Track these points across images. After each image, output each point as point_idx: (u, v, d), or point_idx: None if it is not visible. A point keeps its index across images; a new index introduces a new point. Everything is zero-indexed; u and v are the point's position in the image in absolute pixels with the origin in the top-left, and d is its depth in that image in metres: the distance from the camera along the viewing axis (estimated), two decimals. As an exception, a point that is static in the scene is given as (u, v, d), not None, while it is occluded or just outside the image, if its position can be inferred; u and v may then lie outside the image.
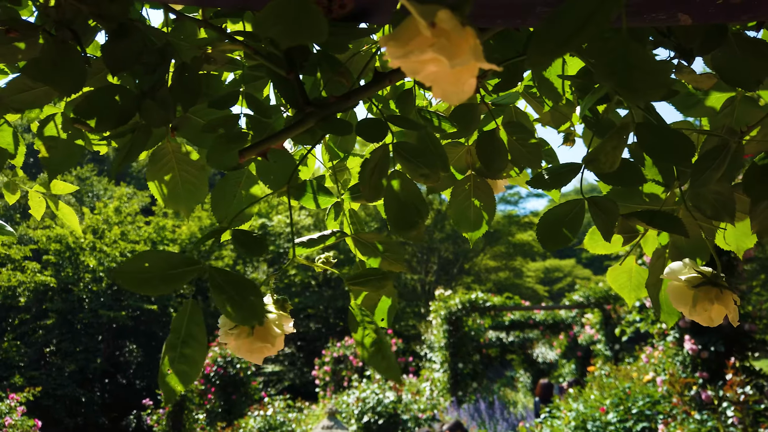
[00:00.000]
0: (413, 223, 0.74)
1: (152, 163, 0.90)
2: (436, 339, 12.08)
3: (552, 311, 14.48)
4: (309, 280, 24.92)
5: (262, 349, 0.77)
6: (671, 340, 4.94)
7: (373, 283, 0.75)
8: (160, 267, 0.61)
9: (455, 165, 0.98)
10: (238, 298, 0.63)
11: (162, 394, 0.64)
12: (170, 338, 0.65)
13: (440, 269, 31.41)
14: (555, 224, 0.81)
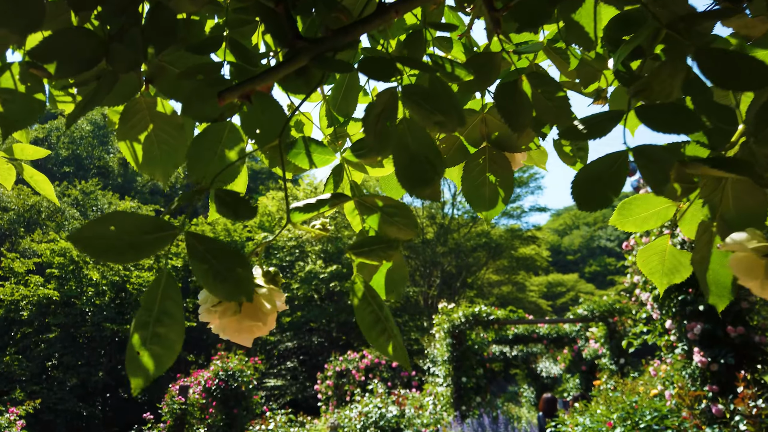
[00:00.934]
0: (427, 179, 0.64)
1: (124, 121, 0.79)
2: (439, 353, 11.91)
3: (556, 325, 14.30)
4: (311, 293, 24.73)
5: (252, 328, 0.66)
6: (680, 352, 4.80)
7: (379, 252, 0.65)
8: (129, 231, 0.51)
9: (468, 137, 0.87)
10: (222, 270, 0.54)
11: (130, 383, 0.52)
12: (140, 315, 0.55)
13: (443, 283, 31.18)
14: (593, 182, 0.69)
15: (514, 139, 0.83)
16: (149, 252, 0.52)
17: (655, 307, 5.09)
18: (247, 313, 0.65)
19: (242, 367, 10.96)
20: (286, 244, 24.19)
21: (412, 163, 0.65)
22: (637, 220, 0.77)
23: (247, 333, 0.67)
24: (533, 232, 35.10)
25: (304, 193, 27.52)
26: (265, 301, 0.67)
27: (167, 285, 0.56)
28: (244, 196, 0.60)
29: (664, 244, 0.86)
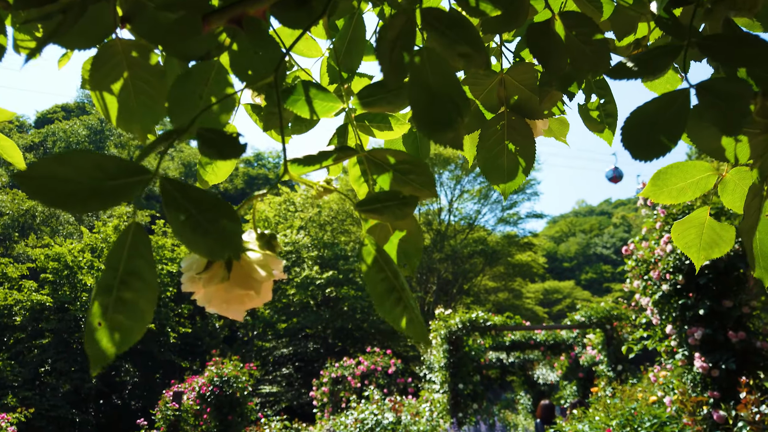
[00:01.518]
0: (449, 121, 0.55)
1: (96, 68, 0.69)
2: (436, 359, 11.82)
3: (553, 331, 14.23)
4: (308, 300, 24.60)
5: (243, 298, 0.58)
6: (680, 358, 4.74)
7: (394, 209, 0.56)
8: (90, 174, 0.42)
9: (484, 101, 0.78)
10: (203, 221, 0.46)
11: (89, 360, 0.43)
12: (102, 278, 0.46)
13: (439, 289, 31.08)
14: (647, 126, 0.59)
15: (535, 103, 0.75)
16: (116, 200, 0.44)
17: (655, 312, 5.03)
18: (236, 281, 0.57)
19: (237, 373, 10.83)
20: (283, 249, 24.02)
21: (434, 103, 0.56)
22: (673, 191, 0.69)
23: (236, 304, 0.58)
24: (529, 238, 35.04)
25: (302, 198, 27.43)
26: (259, 267, 0.58)
27: (137, 239, 0.47)
28: (231, 134, 0.51)
29: (703, 217, 0.79)
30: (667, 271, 4.76)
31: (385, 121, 0.74)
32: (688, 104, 0.55)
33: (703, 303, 4.52)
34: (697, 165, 0.70)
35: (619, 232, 79.31)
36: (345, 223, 29.88)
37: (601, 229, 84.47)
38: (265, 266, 0.58)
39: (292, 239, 24.15)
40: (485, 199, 32.18)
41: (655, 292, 4.90)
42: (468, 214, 33.59)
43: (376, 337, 23.47)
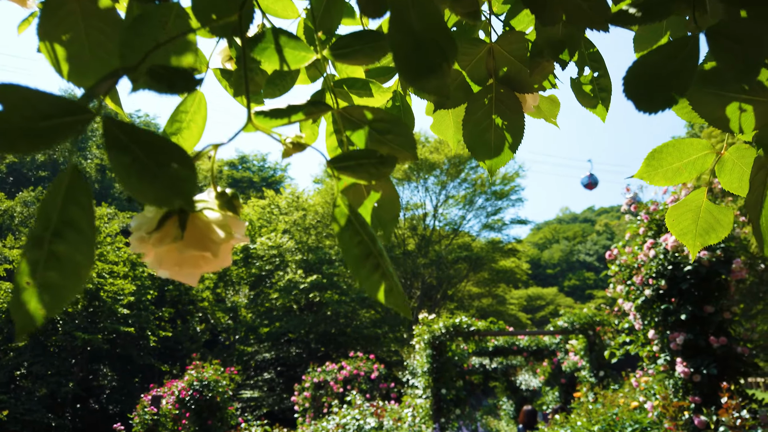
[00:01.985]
0: (433, 66, 0.49)
1: (47, 16, 0.62)
2: (419, 364, 11.77)
3: (536, 337, 14.26)
4: (291, 304, 24.44)
5: (197, 260, 0.51)
6: (662, 363, 4.75)
7: (368, 169, 0.52)
8: (24, 113, 0.37)
9: (472, 72, 0.72)
10: (151, 165, 0.40)
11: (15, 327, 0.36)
12: (33, 229, 0.40)
13: (423, 295, 31.08)
14: (652, 76, 0.54)
15: (526, 75, 0.70)
16: (50, 142, 0.38)
17: (638, 317, 5.04)
18: (191, 241, 0.50)
19: (218, 377, 10.69)
20: (267, 252, 23.86)
21: (417, 48, 0.50)
22: (668, 171, 0.65)
23: (190, 266, 0.51)
24: (513, 245, 35.21)
25: (287, 201, 27.29)
26: (218, 227, 0.53)
27: (74, 185, 0.41)
28: (183, 68, 0.46)
29: (700, 199, 0.74)
30: (649, 276, 4.77)
31: (365, 87, 0.69)
32: (697, 51, 0.51)
33: (685, 308, 4.53)
34: (694, 143, 0.66)
35: (602, 240, 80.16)
36: (330, 227, 29.79)
37: (585, 236, 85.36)
38: (225, 227, 0.52)
39: (276, 242, 23.99)
40: (470, 205, 32.31)
41: (637, 297, 4.91)
42: (453, 219, 33.72)
43: (359, 342, 23.37)
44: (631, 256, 5.02)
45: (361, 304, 25.31)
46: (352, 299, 23.76)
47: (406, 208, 32.47)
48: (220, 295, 24.04)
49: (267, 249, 23.93)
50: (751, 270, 7.82)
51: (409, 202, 32.43)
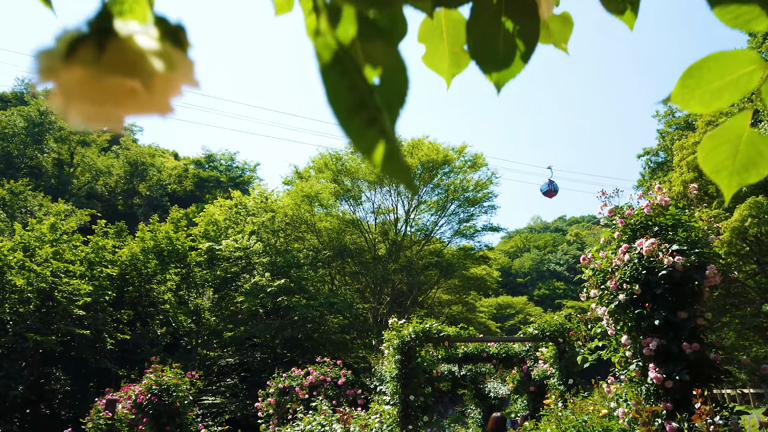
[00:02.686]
0: None
1: None
2: (388, 370, 11.68)
3: (506, 344, 14.32)
4: (257, 308, 24.11)
5: (122, 94, 0.38)
6: (634, 368, 4.76)
7: None
8: None
9: None
10: None
11: None
12: None
13: (393, 300, 31.06)
14: None
15: None
16: None
17: (611, 322, 5.05)
18: (113, 65, 0.37)
19: (178, 381, 10.42)
20: (233, 254, 23.48)
21: None
22: (707, 92, 0.56)
23: (112, 103, 0.38)
24: (485, 252, 35.48)
25: (255, 202, 26.95)
26: (154, 57, 0.39)
27: None
28: None
29: (741, 127, 0.62)
30: (623, 281, 4.79)
31: None
32: None
33: (658, 314, 4.55)
34: (740, 55, 0.56)
35: (573, 249, 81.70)
36: (299, 230, 29.53)
37: (555, 245, 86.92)
38: (164, 58, 0.40)
39: (243, 244, 23.64)
40: (442, 211, 32.45)
41: (611, 301, 4.92)
42: (425, 225, 33.83)
43: (327, 348, 23.18)
44: (606, 261, 5.04)
45: (330, 309, 25.12)
46: (321, 304, 23.56)
47: (377, 212, 32.44)
48: (182, 297, 23.55)
49: (233, 251, 23.56)
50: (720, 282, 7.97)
51: (381, 206, 32.45)
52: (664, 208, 4.85)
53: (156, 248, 22.40)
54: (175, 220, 24.14)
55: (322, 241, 29.96)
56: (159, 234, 22.62)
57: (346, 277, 32.28)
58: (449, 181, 31.16)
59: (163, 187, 45.31)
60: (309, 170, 32.25)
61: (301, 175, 32.21)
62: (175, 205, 26.14)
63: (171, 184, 46.13)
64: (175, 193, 45.47)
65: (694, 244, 4.63)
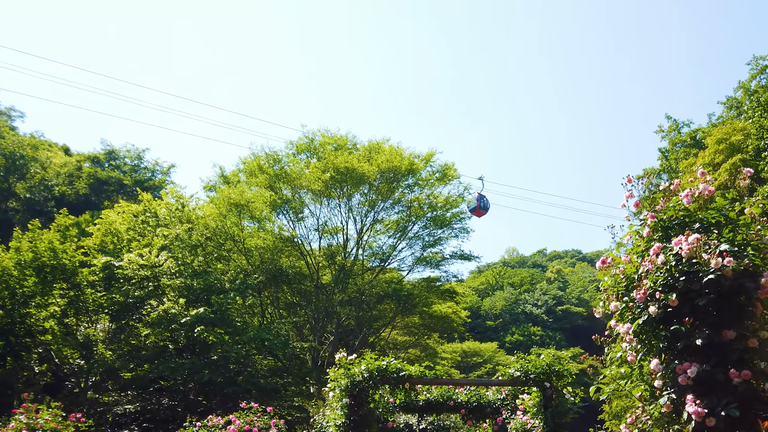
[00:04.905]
0: None
1: None
2: (332, 417, 11.25)
3: (477, 392, 14.06)
4: (166, 342, 23.12)
5: None
6: (665, 402, 4.46)
7: None
8: None
9: None
10: None
11: None
12: None
13: (338, 340, 30.47)
14: None
15: None
16: None
17: (635, 344, 4.77)
18: None
19: (57, 425, 9.76)
20: (137, 273, 22.46)
21: None
22: None
23: None
24: (453, 285, 35.38)
25: (169, 209, 26.02)
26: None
27: None
28: None
29: None
30: (655, 289, 4.52)
31: None
32: None
33: (700, 332, 4.29)
34: None
35: (553, 289, 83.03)
36: (224, 247, 28.67)
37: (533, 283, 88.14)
38: None
39: (151, 261, 22.68)
40: (403, 233, 32.24)
41: (637, 316, 4.64)
42: (381, 249, 33.50)
43: (253, 396, 22.34)
44: (631, 265, 4.77)
45: (260, 347, 24.36)
46: (249, 339, 22.80)
47: (323, 231, 31.98)
48: (69, 326, 22.36)
49: (137, 269, 22.53)
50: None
51: (327, 223, 31.99)
52: (707, 200, 4.62)
53: (36, 262, 21.18)
54: (63, 228, 22.95)
55: (253, 262, 29.18)
56: (40, 244, 21.40)
57: (280, 309, 31.51)
58: (413, 197, 31.07)
59: (49, 189, 43.56)
60: (238, 174, 31.58)
61: (228, 180, 31.47)
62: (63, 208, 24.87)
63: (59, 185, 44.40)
64: (65, 197, 43.73)
65: (745, 245, 4.41)
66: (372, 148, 30.10)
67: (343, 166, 27.70)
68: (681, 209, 4.71)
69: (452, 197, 31.09)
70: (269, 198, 28.82)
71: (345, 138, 30.94)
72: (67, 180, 45.33)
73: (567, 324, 73.69)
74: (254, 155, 30.03)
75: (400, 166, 28.62)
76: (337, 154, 28.80)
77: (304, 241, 31.65)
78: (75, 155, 50.78)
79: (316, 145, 30.39)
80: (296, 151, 30.63)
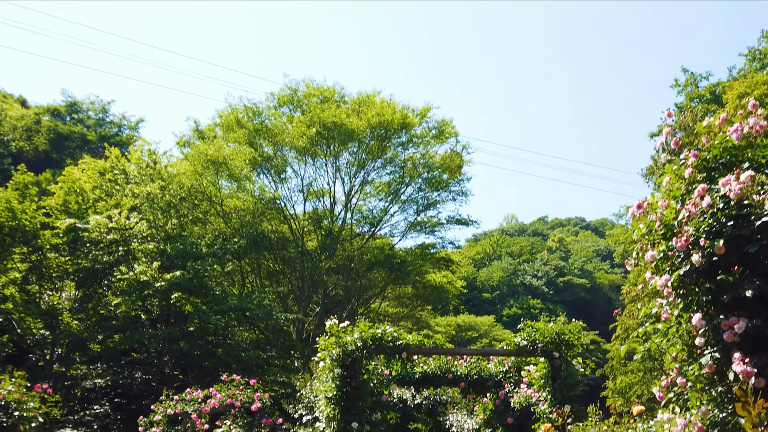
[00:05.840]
0: None
1: None
2: (322, 389, 11.21)
3: (478, 364, 14.06)
4: (138, 312, 23.01)
5: None
6: (707, 362, 4.32)
7: None
8: None
9: None
10: None
11: None
12: None
13: (325, 311, 30.41)
14: None
15: None
16: None
17: (672, 298, 4.62)
18: None
19: (21, 396, 9.70)
20: (105, 237, 22.20)
21: None
22: None
23: None
24: (449, 253, 35.35)
25: (139, 166, 25.62)
26: None
27: None
28: None
29: None
30: (698, 236, 4.35)
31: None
32: None
33: (750, 282, 4.13)
34: None
35: (554, 259, 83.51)
36: (200, 208, 28.36)
37: (533, 253, 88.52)
38: None
39: (121, 223, 22.41)
40: (395, 196, 32.01)
41: (677, 267, 4.48)
42: (371, 213, 33.32)
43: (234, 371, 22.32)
44: (670, 210, 4.59)
45: (240, 318, 24.32)
46: (229, 309, 22.73)
47: (308, 193, 31.72)
48: (31, 293, 22.17)
49: (105, 231, 22.27)
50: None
51: (313, 185, 31.70)
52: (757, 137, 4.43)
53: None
54: (21, 186, 22.60)
55: (232, 226, 28.92)
56: (-2, 205, 21.08)
57: (262, 278, 31.39)
58: (406, 156, 30.80)
59: (4, 144, 42.88)
60: (215, 129, 31.15)
61: (203, 135, 31.03)
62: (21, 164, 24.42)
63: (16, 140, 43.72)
64: (23, 153, 43.06)
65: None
66: (362, 101, 29.70)
67: (330, 120, 27.35)
68: (728, 147, 4.53)
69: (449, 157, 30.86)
70: (249, 155, 28.47)
71: (332, 90, 30.48)
72: (24, 135, 44.65)
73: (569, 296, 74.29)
74: (232, 108, 29.60)
75: (392, 121, 28.27)
76: (324, 107, 28.41)
77: (287, 204, 31.41)
78: (33, 108, 49.95)
79: (299, 97, 29.98)
80: (278, 104, 30.23)
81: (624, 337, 36.09)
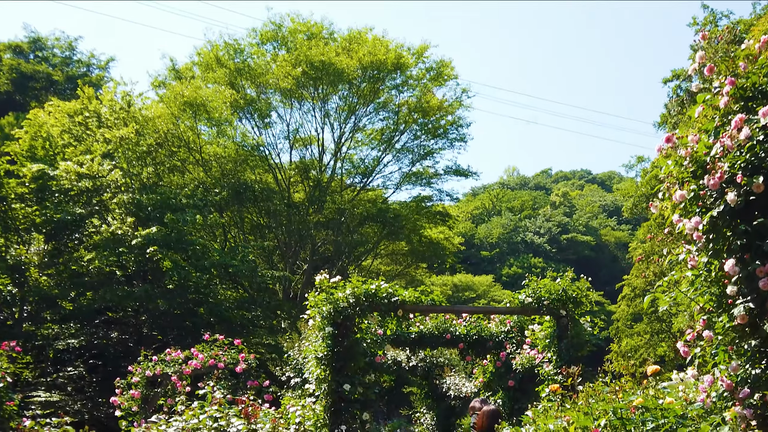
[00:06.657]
0: None
1: None
2: (312, 349, 11.21)
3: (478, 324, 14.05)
4: (113, 268, 22.91)
5: None
6: (740, 312, 4.19)
7: None
8: None
9: None
10: None
11: None
12: None
13: (313, 268, 30.37)
14: None
15: None
16: None
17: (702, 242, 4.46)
18: None
19: None
20: (76, 185, 21.94)
21: None
22: None
23: None
24: (446, 207, 35.27)
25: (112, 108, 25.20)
26: None
27: None
28: None
29: None
30: (734, 173, 4.17)
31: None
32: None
33: (790, 222, 3.98)
34: None
35: (558, 215, 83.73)
36: (178, 155, 28.03)
37: (535, 208, 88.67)
38: None
39: (93, 170, 22.13)
40: (389, 145, 31.75)
41: (710, 207, 4.31)
42: (363, 163, 33.10)
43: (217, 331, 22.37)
44: (702, 145, 4.40)
45: (223, 274, 24.28)
46: (211, 265, 22.64)
47: (294, 140, 31.39)
48: (6, 245, 22.05)
49: (76, 179, 22.03)
50: None
51: (299, 131, 31.37)
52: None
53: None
54: (-18, 131, 22.39)
55: (212, 175, 28.66)
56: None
57: (246, 232, 31.27)
58: (401, 100, 30.45)
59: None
60: (192, 68, 30.68)
61: (180, 75, 30.55)
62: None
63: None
64: (-18, 95, 42.41)
65: None
66: (352, 38, 29.19)
67: (318, 59, 26.91)
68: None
69: (447, 100, 30.53)
70: (230, 97, 28.03)
71: (320, 25, 29.93)
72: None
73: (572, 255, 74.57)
74: (212, 45, 29.10)
75: (385, 60, 27.82)
76: (311, 44, 27.94)
77: (272, 152, 31.12)
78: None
79: (284, 34, 29.47)
80: (261, 41, 29.74)
81: (631, 297, 36.36)
